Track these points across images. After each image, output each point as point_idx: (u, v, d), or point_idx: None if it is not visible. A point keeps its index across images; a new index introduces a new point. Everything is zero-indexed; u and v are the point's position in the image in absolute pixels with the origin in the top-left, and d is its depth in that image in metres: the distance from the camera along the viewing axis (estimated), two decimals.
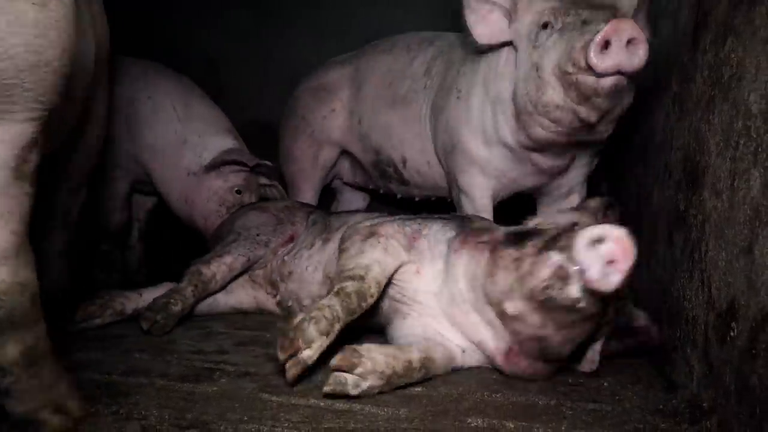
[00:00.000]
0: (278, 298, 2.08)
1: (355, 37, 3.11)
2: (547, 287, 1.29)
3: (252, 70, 3.40)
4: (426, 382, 1.46)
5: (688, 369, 1.40)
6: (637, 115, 1.93)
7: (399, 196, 2.65)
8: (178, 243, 2.24)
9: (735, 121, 1.23)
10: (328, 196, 3.09)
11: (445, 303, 1.55)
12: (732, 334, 1.18)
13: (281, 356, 1.25)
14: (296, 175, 2.80)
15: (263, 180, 2.70)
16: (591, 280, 1.21)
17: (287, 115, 2.86)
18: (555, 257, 1.29)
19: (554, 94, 1.69)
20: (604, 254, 1.20)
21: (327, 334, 1.31)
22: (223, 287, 2.05)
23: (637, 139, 2.04)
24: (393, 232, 1.57)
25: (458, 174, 2.15)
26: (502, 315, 1.40)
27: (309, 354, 1.29)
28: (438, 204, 2.56)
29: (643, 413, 1.35)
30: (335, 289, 1.41)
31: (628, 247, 1.19)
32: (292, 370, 1.27)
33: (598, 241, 1.21)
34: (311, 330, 1.29)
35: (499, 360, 1.49)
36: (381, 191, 2.76)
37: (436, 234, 1.60)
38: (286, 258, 2.05)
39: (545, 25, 1.74)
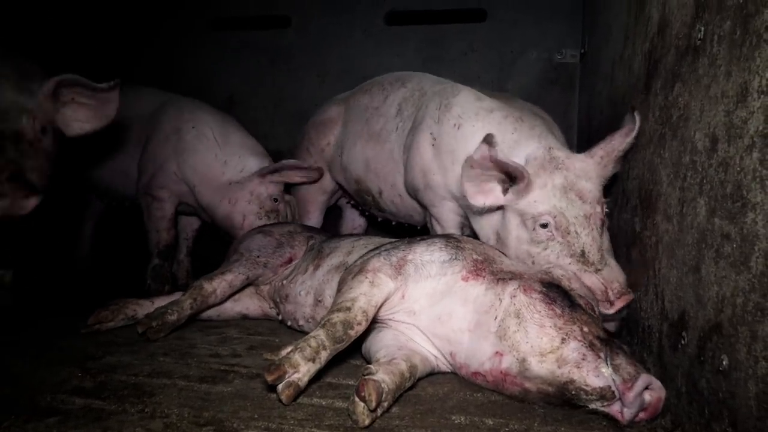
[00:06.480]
0: (280, 317, 2.07)
1: (352, 79, 3.17)
2: (582, 392, 1.19)
3: (265, 107, 3.43)
4: (415, 384, 1.43)
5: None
6: None
7: (380, 219, 2.65)
8: (220, 257, 2.29)
9: (683, 156, 1.23)
10: (336, 212, 3.12)
11: (427, 321, 1.47)
12: (683, 342, 1.17)
13: (268, 378, 1.21)
14: (303, 198, 2.83)
15: (287, 196, 2.76)
16: (622, 416, 1.16)
17: (297, 145, 2.87)
18: (607, 373, 1.17)
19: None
20: (643, 402, 1.15)
21: (313, 360, 1.26)
22: (223, 301, 2.03)
23: None
24: (380, 265, 1.49)
25: (431, 207, 2.14)
26: (504, 362, 1.30)
27: (298, 376, 1.24)
28: (412, 228, 2.56)
29: None
30: (322, 322, 1.34)
31: (659, 408, 1.16)
32: (285, 392, 1.22)
33: (648, 389, 1.15)
34: (296, 357, 1.25)
35: (462, 373, 1.43)
36: (366, 214, 2.78)
37: (422, 256, 1.51)
38: (284, 282, 2.04)
39: (544, 225, 1.63)
